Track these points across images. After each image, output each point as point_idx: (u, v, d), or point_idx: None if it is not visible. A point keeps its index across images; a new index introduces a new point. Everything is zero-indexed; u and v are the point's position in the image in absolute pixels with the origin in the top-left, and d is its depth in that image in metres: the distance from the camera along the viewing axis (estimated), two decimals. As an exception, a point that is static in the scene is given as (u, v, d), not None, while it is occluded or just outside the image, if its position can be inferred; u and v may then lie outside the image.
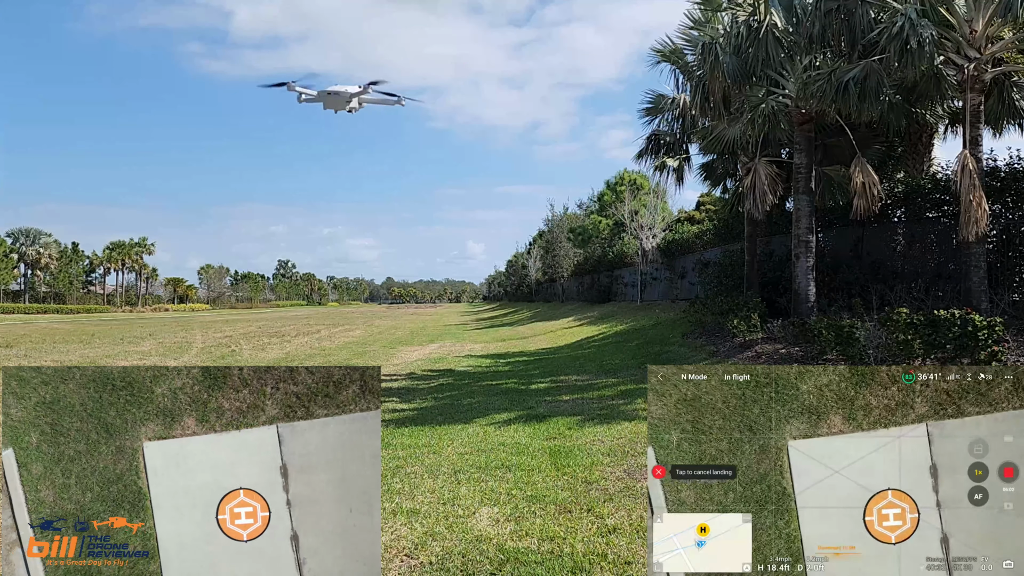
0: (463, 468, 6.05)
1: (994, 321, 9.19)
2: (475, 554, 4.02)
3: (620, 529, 4.40)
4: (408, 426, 8.15)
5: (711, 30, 14.17)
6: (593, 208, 49.64)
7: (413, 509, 4.86)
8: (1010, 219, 12.47)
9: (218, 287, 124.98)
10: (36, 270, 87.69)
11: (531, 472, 5.88)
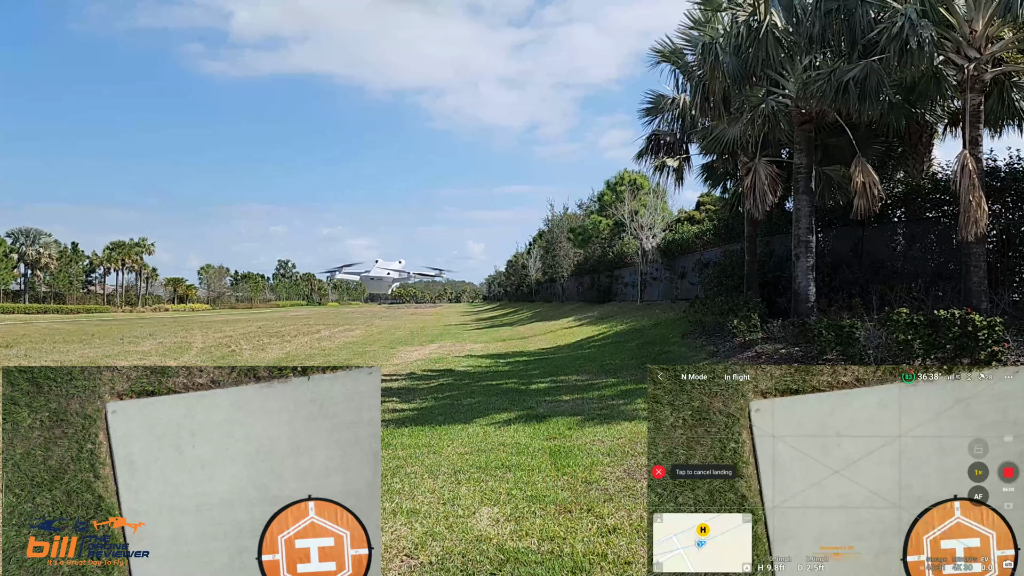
0: (463, 468, 6.05)
1: (994, 321, 9.19)
2: (475, 554, 4.02)
3: (620, 529, 4.40)
4: (408, 426, 8.15)
5: (711, 30, 14.16)
6: (593, 208, 49.57)
7: (413, 509, 4.86)
8: (1010, 219, 12.46)
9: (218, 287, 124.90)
10: (36, 270, 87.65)
11: (531, 472, 5.89)
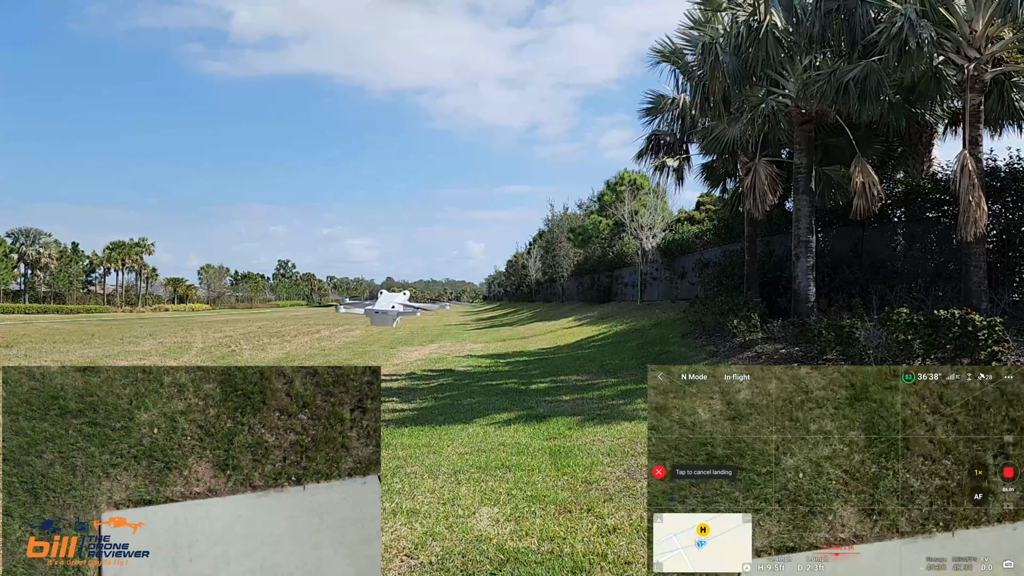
0: (463, 468, 6.05)
1: (994, 321, 9.19)
2: (475, 554, 4.02)
3: (620, 529, 4.40)
4: (408, 426, 8.15)
5: (711, 30, 14.16)
6: (593, 208, 49.58)
7: (413, 509, 4.86)
8: (1010, 219, 12.46)
9: (218, 287, 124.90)
10: (36, 270, 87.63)
11: (531, 472, 5.89)
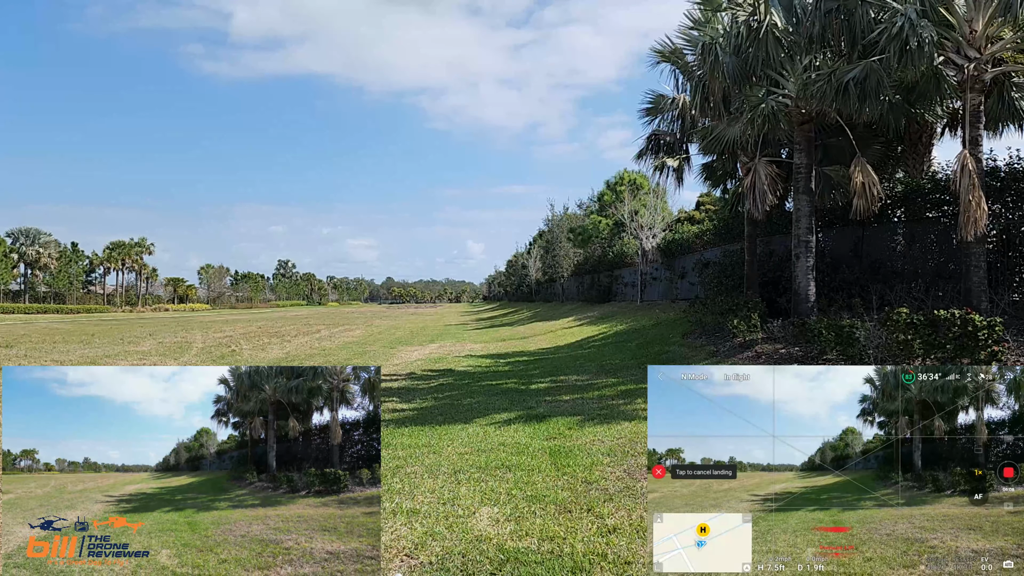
0: (463, 468, 6.05)
1: (994, 321, 9.18)
2: (475, 554, 4.02)
3: (620, 529, 4.40)
4: (408, 426, 8.15)
5: (711, 30, 14.14)
6: (593, 208, 49.57)
7: (413, 509, 4.86)
8: (1010, 219, 12.46)
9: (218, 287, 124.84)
10: (36, 270, 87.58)
11: (531, 472, 5.89)
